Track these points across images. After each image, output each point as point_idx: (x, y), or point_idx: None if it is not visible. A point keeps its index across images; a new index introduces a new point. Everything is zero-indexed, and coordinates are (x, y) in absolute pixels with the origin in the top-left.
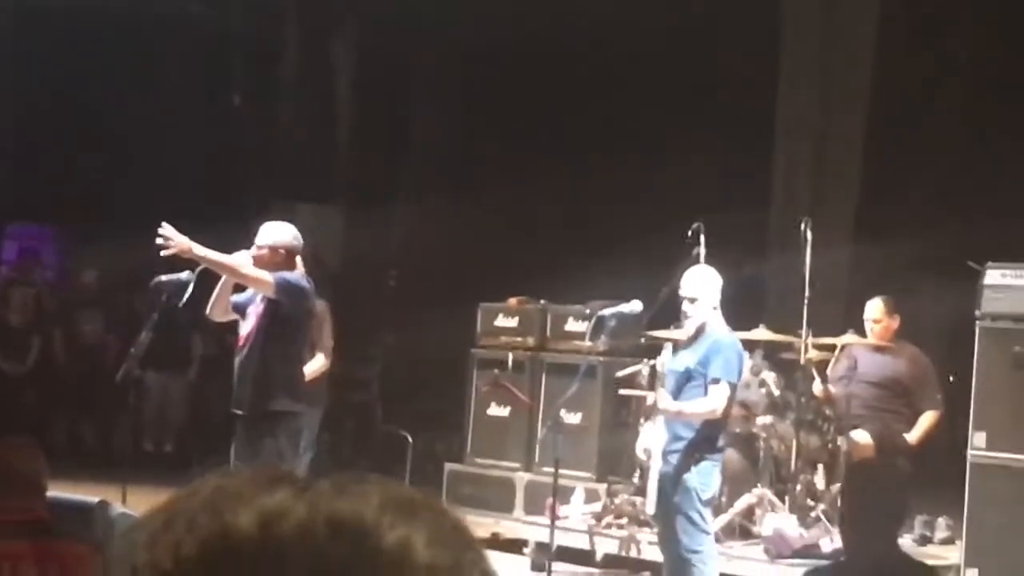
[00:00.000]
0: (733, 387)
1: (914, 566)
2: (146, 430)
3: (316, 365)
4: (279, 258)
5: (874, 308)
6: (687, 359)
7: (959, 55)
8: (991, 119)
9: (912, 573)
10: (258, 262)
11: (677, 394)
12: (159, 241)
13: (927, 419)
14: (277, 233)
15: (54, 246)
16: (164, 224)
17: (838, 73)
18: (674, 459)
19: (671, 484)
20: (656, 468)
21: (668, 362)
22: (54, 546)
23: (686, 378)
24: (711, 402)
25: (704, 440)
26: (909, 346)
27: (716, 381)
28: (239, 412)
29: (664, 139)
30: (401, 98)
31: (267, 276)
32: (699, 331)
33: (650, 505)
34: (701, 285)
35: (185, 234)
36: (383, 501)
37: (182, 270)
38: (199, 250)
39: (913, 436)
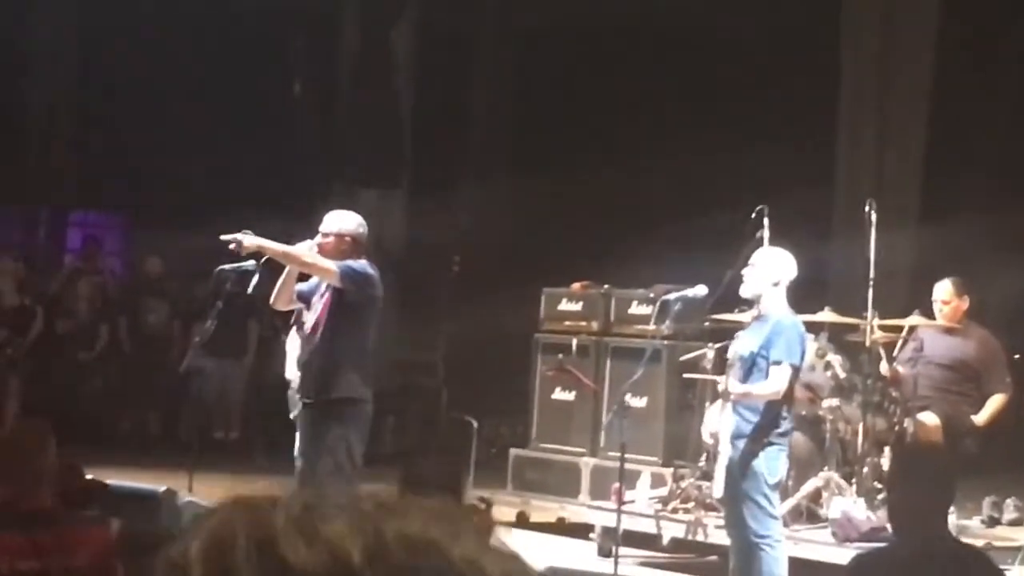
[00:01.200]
0: (796, 369)
1: (963, 549)
2: (210, 418)
3: None
4: (345, 246)
5: (942, 289)
6: (750, 343)
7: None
8: None
9: (961, 555)
10: (323, 251)
11: (744, 379)
12: (226, 240)
13: (995, 401)
14: (343, 221)
15: (118, 234)
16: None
17: (901, 51)
18: (741, 444)
19: (738, 469)
20: (723, 453)
21: (735, 348)
22: (59, 536)
23: (751, 362)
24: (773, 384)
25: (770, 424)
26: (978, 328)
27: (778, 363)
28: (307, 400)
29: (728, 119)
30: (461, 81)
31: (332, 265)
32: (761, 314)
33: (717, 489)
34: (763, 256)
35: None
36: (428, 515)
37: (246, 259)
38: (265, 243)
39: (981, 418)
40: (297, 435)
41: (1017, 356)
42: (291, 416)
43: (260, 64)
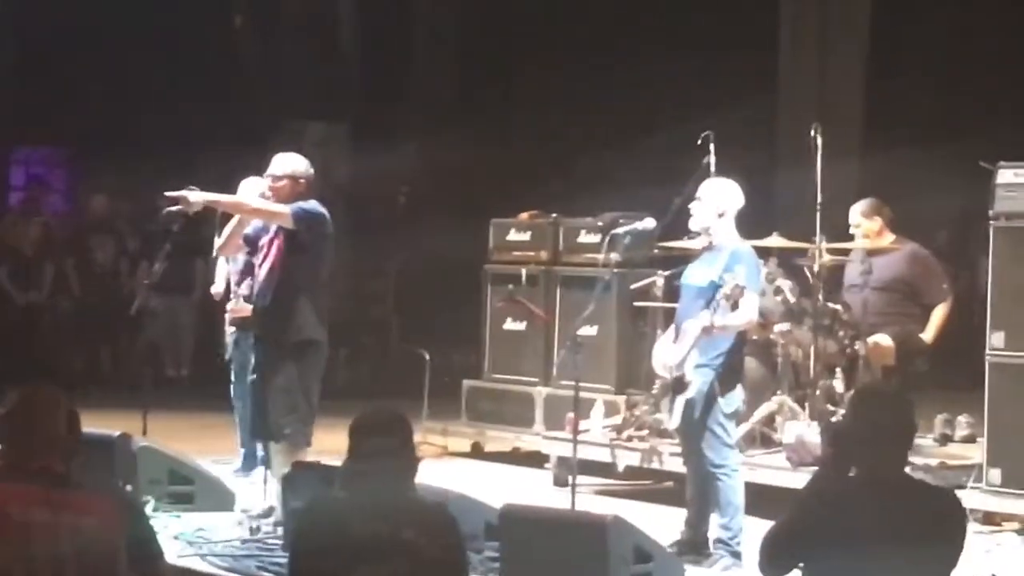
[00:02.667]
0: (759, 296)
1: (922, 485)
2: (161, 356)
3: None
4: (300, 187)
5: (852, 213)
6: (708, 273)
7: None
8: (995, 18)
9: (920, 489)
10: (277, 194)
11: (703, 309)
12: (171, 198)
13: (938, 313)
14: (294, 163)
15: (63, 170)
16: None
17: None
18: (697, 374)
19: (695, 399)
20: (678, 382)
21: (685, 277)
22: (69, 496)
23: (711, 293)
24: (745, 313)
25: (726, 354)
26: (907, 243)
27: (743, 290)
28: (264, 341)
29: (672, 44)
30: (405, 11)
31: (284, 209)
32: (712, 245)
33: (674, 420)
34: (708, 188)
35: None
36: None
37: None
38: (212, 197)
39: (929, 335)
40: (234, 377)
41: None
42: (226, 357)
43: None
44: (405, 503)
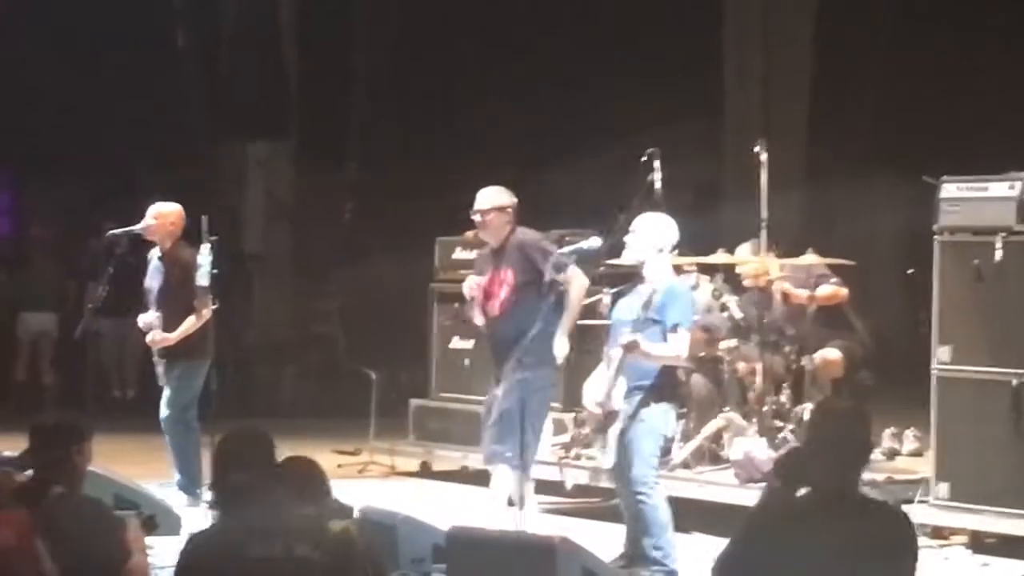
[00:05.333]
0: (690, 333)
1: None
2: (107, 377)
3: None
4: (508, 217)
5: (742, 253)
6: (637, 306)
7: None
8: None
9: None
10: (488, 227)
11: None
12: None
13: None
14: (498, 195)
15: (6, 192)
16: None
17: None
18: (635, 404)
19: (632, 428)
20: (609, 416)
21: (616, 312)
22: None
23: (642, 326)
24: (676, 347)
25: (665, 384)
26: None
27: (676, 328)
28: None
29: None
30: (345, 30)
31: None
32: (646, 280)
33: (609, 459)
34: (645, 223)
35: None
36: None
37: (134, 223)
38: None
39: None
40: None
41: (910, 272)
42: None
43: (144, 15)
44: (291, 521)
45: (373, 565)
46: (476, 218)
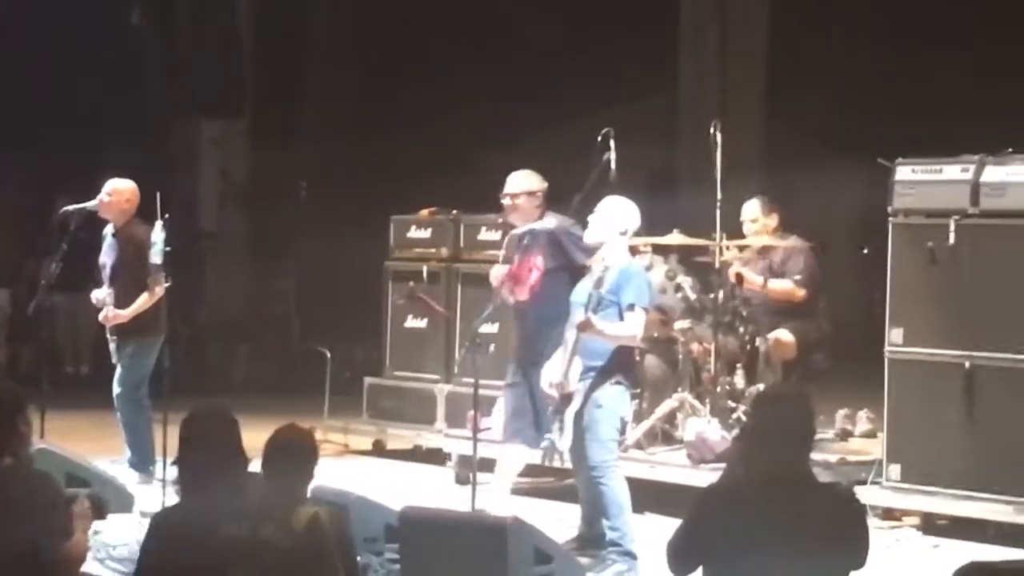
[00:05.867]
0: (646, 313)
1: (826, 488)
2: (60, 353)
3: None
4: (538, 201)
5: (750, 209)
6: (592, 287)
7: None
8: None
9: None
10: (518, 211)
11: None
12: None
13: (783, 283)
14: (528, 179)
15: None
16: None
17: None
18: (590, 384)
19: (588, 409)
20: (565, 399)
21: (573, 295)
22: None
23: (596, 305)
24: (631, 327)
25: (619, 365)
26: (799, 240)
27: (632, 307)
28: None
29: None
30: (301, 7)
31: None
32: (604, 261)
33: (565, 440)
34: (610, 205)
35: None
36: None
37: (88, 200)
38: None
39: (770, 283)
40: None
41: (864, 250)
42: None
43: None
44: (256, 503)
45: (343, 551)
46: (506, 201)
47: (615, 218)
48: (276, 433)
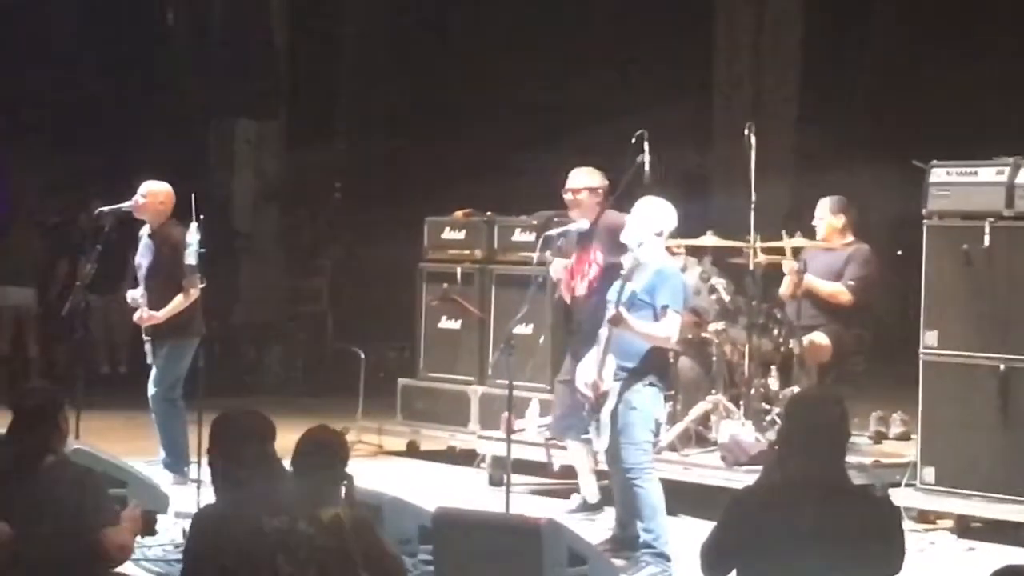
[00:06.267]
0: (681, 316)
1: (860, 492)
2: (96, 353)
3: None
4: (599, 198)
5: (819, 207)
6: (628, 288)
7: None
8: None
9: (860, 497)
10: (579, 207)
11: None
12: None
13: (836, 286)
14: (589, 176)
15: None
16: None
17: None
18: (623, 385)
19: (622, 409)
20: (600, 399)
21: (608, 293)
22: None
23: (629, 305)
24: (666, 328)
25: (653, 366)
26: (859, 244)
27: (665, 309)
28: None
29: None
30: (334, 7)
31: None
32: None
33: (602, 441)
34: (648, 206)
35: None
36: None
37: (122, 201)
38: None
39: (824, 285)
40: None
41: (900, 252)
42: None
43: None
44: (290, 499)
45: (366, 551)
46: (567, 196)
47: (651, 218)
48: (306, 433)
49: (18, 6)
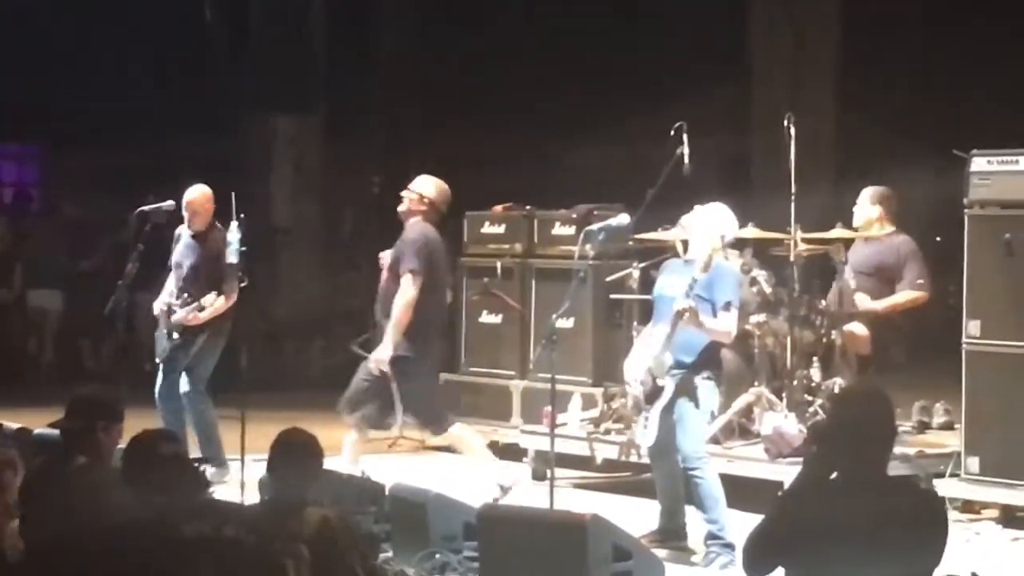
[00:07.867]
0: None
1: (908, 487)
2: (140, 350)
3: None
4: None
5: (860, 197)
6: (682, 284)
7: None
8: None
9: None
10: None
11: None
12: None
13: (903, 295)
14: None
15: (34, 167)
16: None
17: None
18: (680, 378)
19: (678, 402)
20: (653, 392)
21: (660, 288)
22: None
23: (693, 300)
24: (728, 324)
25: (709, 360)
26: (900, 235)
27: (728, 305)
28: None
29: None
30: (370, 4)
31: None
32: (694, 259)
33: (648, 437)
34: (708, 216)
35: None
36: None
37: (165, 199)
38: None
39: (882, 303)
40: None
41: (938, 239)
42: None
43: None
44: (212, 504)
45: (363, 554)
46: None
47: (714, 227)
48: (278, 436)
49: (55, 6)
